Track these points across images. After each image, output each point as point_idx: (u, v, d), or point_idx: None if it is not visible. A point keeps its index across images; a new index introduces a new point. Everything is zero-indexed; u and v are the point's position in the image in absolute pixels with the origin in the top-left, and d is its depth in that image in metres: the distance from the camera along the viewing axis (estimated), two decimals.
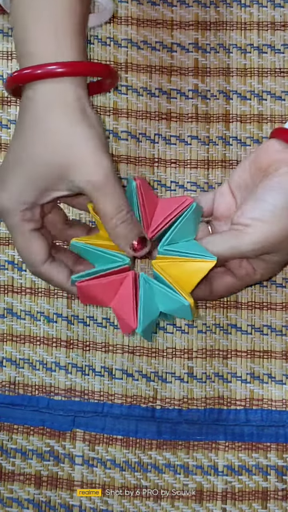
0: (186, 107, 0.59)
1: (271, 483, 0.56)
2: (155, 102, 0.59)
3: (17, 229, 0.48)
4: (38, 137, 0.47)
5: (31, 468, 0.57)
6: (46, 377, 0.57)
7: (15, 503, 0.57)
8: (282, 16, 0.60)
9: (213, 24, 0.60)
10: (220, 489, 0.56)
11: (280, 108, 0.59)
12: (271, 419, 0.56)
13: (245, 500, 0.56)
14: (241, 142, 0.59)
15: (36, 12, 0.47)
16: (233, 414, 0.56)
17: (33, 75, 0.46)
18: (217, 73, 0.59)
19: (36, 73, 0.46)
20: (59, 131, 0.47)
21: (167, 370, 0.57)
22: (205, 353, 0.57)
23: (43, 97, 0.47)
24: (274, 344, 0.57)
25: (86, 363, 0.57)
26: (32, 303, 0.58)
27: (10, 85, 0.49)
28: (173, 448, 0.56)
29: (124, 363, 0.57)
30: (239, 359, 0.57)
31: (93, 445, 0.57)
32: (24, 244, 0.49)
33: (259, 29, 0.60)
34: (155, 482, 0.56)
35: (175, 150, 0.59)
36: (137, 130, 0.59)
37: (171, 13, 0.60)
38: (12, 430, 0.57)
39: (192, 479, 0.56)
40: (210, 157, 0.59)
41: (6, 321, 0.58)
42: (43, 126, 0.47)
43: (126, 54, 0.60)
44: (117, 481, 0.56)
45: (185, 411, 0.57)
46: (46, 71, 0.46)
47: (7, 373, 0.58)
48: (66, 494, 0.57)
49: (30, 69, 0.47)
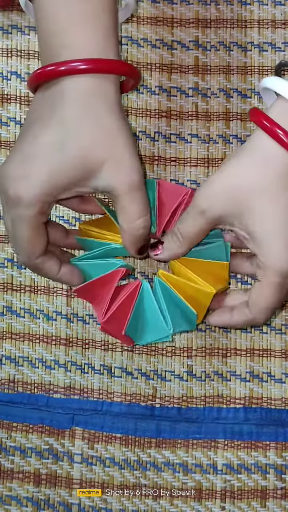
0: (186, 105, 0.59)
1: (270, 481, 0.56)
2: (155, 100, 0.59)
3: (30, 221, 0.47)
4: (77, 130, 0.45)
5: (30, 466, 0.57)
6: (45, 375, 0.57)
7: (14, 501, 0.57)
8: (282, 14, 0.59)
9: (213, 22, 0.60)
10: (219, 488, 0.56)
11: None
12: (270, 418, 0.56)
13: (244, 498, 0.56)
14: (241, 140, 0.59)
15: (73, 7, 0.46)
16: (233, 412, 0.56)
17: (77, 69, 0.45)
18: (217, 71, 0.59)
19: (81, 68, 0.45)
20: (102, 124, 0.46)
21: (166, 369, 0.57)
22: (204, 351, 0.57)
23: (86, 90, 0.45)
24: (273, 342, 0.57)
25: (86, 361, 0.57)
26: (32, 301, 0.58)
27: (41, 78, 0.47)
28: (172, 446, 0.56)
29: (123, 361, 0.57)
30: (239, 358, 0.57)
31: (92, 443, 0.57)
32: (32, 235, 0.47)
33: (259, 27, 0.60)
34: (154, 480, 0.56)
35: (175, 148, 0.59)
36: (137, 128, 0.59)
37: (172, 10, 0.60)
38: (11, 428, 0.57)
39: (191, 478, 0.56)
40: (210, 155, 0.59)
41: (5, 319, 0.58)
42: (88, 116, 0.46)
43: (126, 52, 0.60)
44: (116, 479, 0.56)
45: (185, 409, 0.57)
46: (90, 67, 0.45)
47: (7, 371, 0.58)
48: (65, 492, 0.57)
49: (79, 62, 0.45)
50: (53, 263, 0.50)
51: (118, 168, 0.46)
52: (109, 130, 0.46)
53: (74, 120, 0.45)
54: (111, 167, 0.46)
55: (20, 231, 0.47)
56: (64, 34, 0.46)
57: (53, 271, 0.51)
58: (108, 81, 0.46)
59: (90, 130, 0.45)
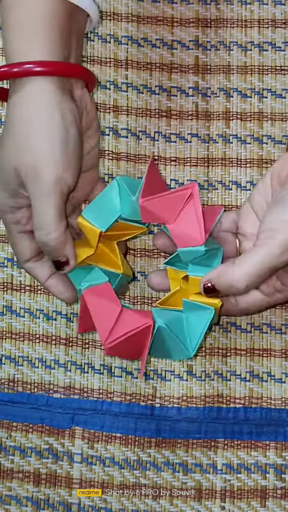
0: (186, 105, 0.59)
1: (270, 481, 0.56)
2: (155, 100, 0.59)
3: (7, 229, 0.51)
4: (4, 140, 0.48)
5: (30, 466, 0.57)
6: (45, 375, 0.57)
7: (14, 500, 0.57)
8: (282, 13, 0.59)
9: (213, 22, 0.60)
10: (219, 488, 0.56)
11: (281, 106, 0.59)
12: (270, 418, 0.56)
13: (244, 498, 0.56)
14: (241, 140, 0.59)
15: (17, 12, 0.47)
16: (232, 412, 0.56)
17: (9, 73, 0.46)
18: (217, 70, 0.59)
19: (13, 71, 0.46)
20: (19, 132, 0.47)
21: (166, 368, 0.57)
22: (204, 351, 0.57)
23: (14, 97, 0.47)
24: (273, 342, 0.57)
25: (85, 361, 0.57)
26: (31, 300, 0.58)
27: None
28: (172, 446, 0.56)
29: (123, 361, 0.57)
30: (239, 357, 0.57)
31: (92, 443, 0.57)
32: (12, 242, 0.51)
33: (259, 27, 0.59)
34: (154, 480, 0.56)
35: (175, 148, 0.59)
36: (137, 127, 0.59)
37: (172, 10, 0.60)
38: (11, 428, 0.57)
39: (191, 478, 0.56)
40: (210, 155, 0.59)
41: (5, 318, 0.58)
42: (8, 129, 0.47)
43: (126, 52, 0.60)
44: (116, 479, 0.56)
45: (184, 409, 0.57)
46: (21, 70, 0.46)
47: (6, 371, 0.58)
48: (65, 492, 0.57)
49: (6, 67, 0.47)
50: (40, 272, 0.52)
51: (26, 174, 0.46)
52: (25, 137, 0.46)
53: (4, 129, 0.48)
54: (23, 173, 0.46)
55: (7, 236, 0.51)
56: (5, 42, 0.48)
57: (40, 279, 0.52)
58: (37, 85, 0.46)
59: (8, 139, 0.47)
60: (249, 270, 0.45)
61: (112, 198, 0.50)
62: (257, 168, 0.58)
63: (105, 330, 0.48)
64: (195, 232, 0.49)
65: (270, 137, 0.59)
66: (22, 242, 0.50)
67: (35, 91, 0.46)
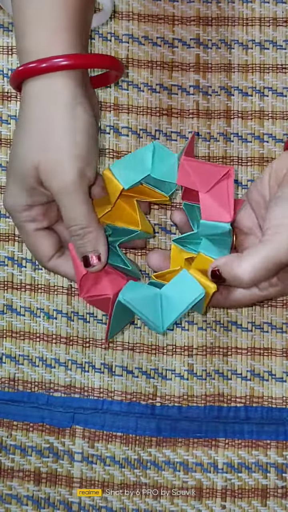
0: (187, 103, 0.59)
1: (271, 480, 0.56)
2: (156, 98, 0.59)
3: (22, 229, 0.49)
4: (21, 137, 0.47)
5: (30, 465, 0.57)
6: (45, 374, 0.57)
7: (14, 499, 0.57)
8: (284, 12, 0.59)
9: (214, 20, 0.60)
10: (219, 487, 0.56)
11: (282, 104, 0.59)
12: (271, 417, 0.56)
13: (244, 497, 0.56)
14: (242, 138, 0.58)
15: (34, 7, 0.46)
16: (233, 411, 0.56)
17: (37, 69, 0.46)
18: (218, 69, 0.59)
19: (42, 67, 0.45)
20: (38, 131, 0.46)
21: (167, 367, 0.57)
22: (205, 350, 0.57)
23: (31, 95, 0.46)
24: (274, 341, 0.57)
25: (86, 359, 0.57)
26: (32, 299, 0.58)
27: (13, 83, 0.48)
28: (172, 445, 0.56)
29: (124, 360, 0.57)
30: (239, 357, 0.57)
31: (93, 442, 0.57)
32: (30, 242, 0.49)
33: (261, 25, 0.59)
34: (154, 479, 0.56)
35: (176, 146, 0.59)
36: (138, 126, 0.59)
37: (173, 8, 0.60)
38: (11, 427, 0.57)
39: (191, 477, 0.56)
40: (211, 153, 0.59)
41: (5, 317, 0.58)
42: (25, 126, 0.47)
43: (127, 50, 0.59)
44: (117, 478, 0.56)
45: (185, 408, 0.56)
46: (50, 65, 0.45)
47: (7, 370, 0.58)
48: (65, 491, 0.56)
49: (34, 63, 0.46)
50: (67, 267, 0.50)
51: (48, 172, 0.46)
52: (45, 133, 0.46)
53: (20, 127, 0.47)
54: (44, 170, 0.46)
55: (22, 238, 0.50)
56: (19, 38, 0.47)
57: (67, 273, 0.50)
58: (58, 80, 0.46)
59: (26, 136, 0.46)
60: (255, 264, 0.46)
61: (144, 157, 0.50)
62: (258, 166, 0.58)
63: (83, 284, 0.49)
64: (226, 208, 0.49)
65: (271, 135, 0.58)
66: (41, 239, 0.49)
67: (55, 86, 0.46)
